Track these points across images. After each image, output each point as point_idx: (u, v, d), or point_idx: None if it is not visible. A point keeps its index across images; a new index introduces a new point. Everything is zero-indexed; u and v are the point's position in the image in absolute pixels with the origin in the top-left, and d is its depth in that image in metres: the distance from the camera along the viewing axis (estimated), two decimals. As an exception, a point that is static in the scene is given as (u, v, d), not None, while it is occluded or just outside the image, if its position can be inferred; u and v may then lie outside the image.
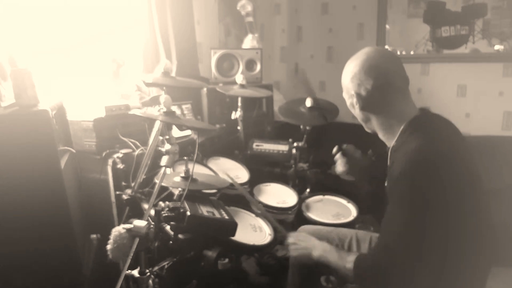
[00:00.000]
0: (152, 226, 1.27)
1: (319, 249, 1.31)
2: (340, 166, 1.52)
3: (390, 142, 1.26)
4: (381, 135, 1.30)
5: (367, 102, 1.23)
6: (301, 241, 1.40)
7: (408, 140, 1.17)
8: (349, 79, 1.24)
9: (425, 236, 1.08)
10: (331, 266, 1.27)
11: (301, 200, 2.03)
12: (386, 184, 1.37)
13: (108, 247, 1.21)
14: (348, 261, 1.20)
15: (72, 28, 2.03)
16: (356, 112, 1.30)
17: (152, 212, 1.37)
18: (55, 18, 1.94)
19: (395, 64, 1.23)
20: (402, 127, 1.21)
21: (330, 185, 2.21)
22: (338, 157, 1.53)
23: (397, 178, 1.12)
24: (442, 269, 1.10)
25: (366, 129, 1.34)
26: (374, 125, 1.29)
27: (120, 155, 1.70)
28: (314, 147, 2.36)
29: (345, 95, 1.31)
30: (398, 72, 1.22)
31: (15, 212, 1.28)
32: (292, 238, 1.44)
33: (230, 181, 1.72)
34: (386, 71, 1.21)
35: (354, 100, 1.25)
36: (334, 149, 1.54)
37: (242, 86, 2.19)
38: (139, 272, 1.29)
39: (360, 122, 1.34)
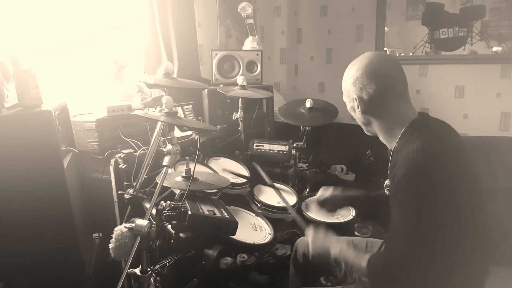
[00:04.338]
0: (153, 225, 1.28)
1: (337, 247, 1.32)
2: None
3: (391, 145, 1.27)
4: (382, 138, 1.32)
5: (368, 106, 1.25)
6: (320, 239, 1.39)
7: (409, 141, 1.18)
8: (351, 83, 1.26)
9: (430, 236, 1.09)
10: (348, 263, 1.29)
11: (300, 199, 2.04)
12: (385, 184, 1.39)
13: (110, 246, 1.22)
14: (363, 260, 1.21)
15: (74, 30, 2.05)
16: (357, 115, 1.31)
17: (154, 211, 1.38)
18: (57, 18, 1.96)
19: (396, 68, 1.24)
20: (402, 130, 1.23)
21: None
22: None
23: (400, 180, 1.13)
24: (441, 268, 1.11)
25: (366, 132, 1.35)
26: (375, 128, 1.31)
27: (122, 155, 1.70)
28: (314, 148, 2.38)
29: (345, 98, 1.32)
30: (399, 77, 1.24)
31: (19, 211, 1.30)
32: (312, 235, 1.41)
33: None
34: (388, 76, 1.22)
35: (356, 104, 1.27)
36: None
37: (242, 87, 2.20)
38: (141, 271, 1.29)
39: (360, 125, 1.36)
